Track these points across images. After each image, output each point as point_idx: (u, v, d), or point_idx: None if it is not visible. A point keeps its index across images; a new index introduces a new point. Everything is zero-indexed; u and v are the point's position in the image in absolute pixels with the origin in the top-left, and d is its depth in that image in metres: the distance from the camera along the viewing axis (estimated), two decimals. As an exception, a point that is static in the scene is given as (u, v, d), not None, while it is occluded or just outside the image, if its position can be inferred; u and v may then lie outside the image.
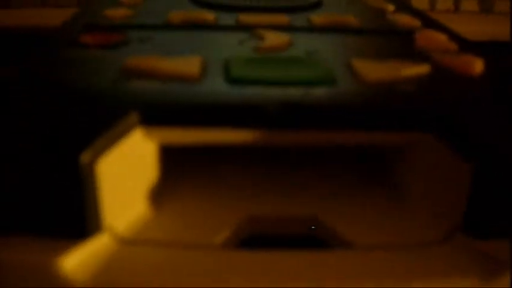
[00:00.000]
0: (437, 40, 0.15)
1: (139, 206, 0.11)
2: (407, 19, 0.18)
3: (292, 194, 0.12)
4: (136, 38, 0.15)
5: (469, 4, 0.33)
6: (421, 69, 0.13)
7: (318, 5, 0.20)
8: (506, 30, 0.30)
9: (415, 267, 0.10)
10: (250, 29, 0.16)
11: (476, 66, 0.13)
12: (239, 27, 0.16)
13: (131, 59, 0.12)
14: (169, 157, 0.12)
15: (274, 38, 0.15)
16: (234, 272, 0.10)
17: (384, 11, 0.20)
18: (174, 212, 0.11)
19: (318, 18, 0.17)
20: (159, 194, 0.11)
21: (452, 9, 0.33)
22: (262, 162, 0.13)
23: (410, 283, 0.10)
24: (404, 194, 0.12)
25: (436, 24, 0.18)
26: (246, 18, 0.17)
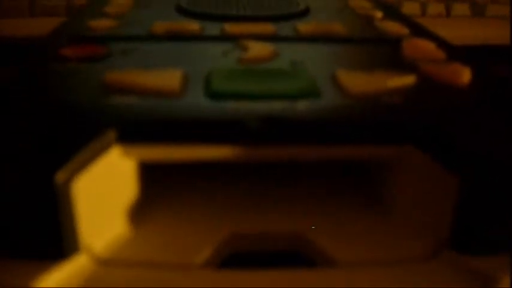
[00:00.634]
0: (424, 49, 0.15)
1: (118, 225, 0.11)
2: (395, 26, 0.18)
3: (275, 210, 0.11)
4: (119, 50, 0.14)
5: (460, 8, 0.33)
6: (406, 80, 0.12)
7: (305, 13, 0.20)
8: (498, 34, 0.30)
9: (402, 285, 0.10)
10: (235, 39, 0.15)
11: (464, 75, 0.13)
12: (224, 38, 0.16)
13: (111, 73, 0.12)
14: (149, 174, 0.11)
15: (258, 49, 0.14)
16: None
17: (372, 18, 0.19)
18: (154, 231, 0.11)
19: (304, 26, 0.17)
20: (139, 212, 0.11)
21: (444, 13, 0.33)
22: (245, 178, 0.12)
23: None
24: (391, 208, 0.11)
25: (424, 31, 0.18)
26: (232, 28, 0.17)
